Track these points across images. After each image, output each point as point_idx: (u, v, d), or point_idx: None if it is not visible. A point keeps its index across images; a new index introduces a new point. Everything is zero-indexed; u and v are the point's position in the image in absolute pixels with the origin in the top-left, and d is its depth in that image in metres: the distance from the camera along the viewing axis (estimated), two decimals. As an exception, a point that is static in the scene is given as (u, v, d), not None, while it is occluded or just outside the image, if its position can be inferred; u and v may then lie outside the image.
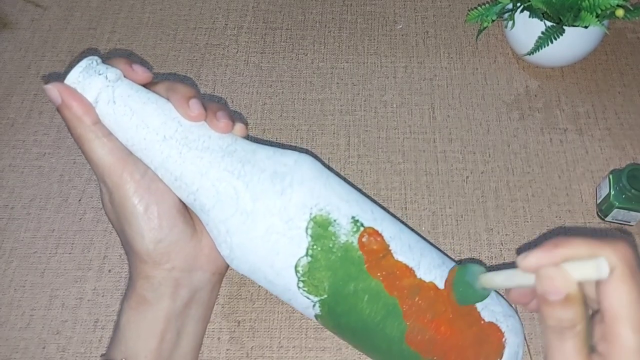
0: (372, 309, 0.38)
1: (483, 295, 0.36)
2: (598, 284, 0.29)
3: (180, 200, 0.40)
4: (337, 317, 0.39)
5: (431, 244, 0.44)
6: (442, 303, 0.38)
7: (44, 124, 0.61)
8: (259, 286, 0.51)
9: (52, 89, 0.37)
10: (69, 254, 0.54)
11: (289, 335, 0.49)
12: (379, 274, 0.38)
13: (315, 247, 0.37)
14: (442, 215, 0.55)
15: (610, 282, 0.29)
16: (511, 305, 0.42)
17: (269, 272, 0.38)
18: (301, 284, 0.37)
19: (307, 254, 0.37)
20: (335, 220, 0.37)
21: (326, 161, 0.58)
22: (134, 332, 0.40)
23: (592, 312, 0.33)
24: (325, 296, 0.38)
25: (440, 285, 0.39)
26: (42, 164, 0.59)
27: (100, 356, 0.47)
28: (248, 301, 0.51)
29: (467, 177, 0.57)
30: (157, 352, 0.40)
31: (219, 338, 0.49)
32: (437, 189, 0.57)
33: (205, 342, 0.48)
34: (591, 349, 0.30)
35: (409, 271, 0.38)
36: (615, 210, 0.52)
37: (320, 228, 0.37)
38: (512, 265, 0.32)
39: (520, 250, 0.53)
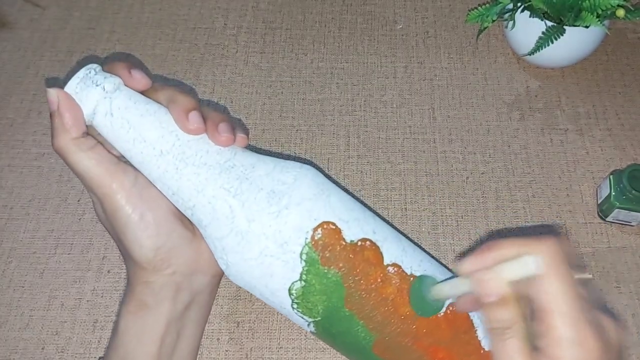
0: (367, 332, 0.37)
1: (437, 306, 0.37)
2: (531, 282, 0.30)
3: None
4: (331, 337, 0.39)
5: (437, 261, 0.42)
6: (442, 329, 0.38)
7: (43, 124, 0.61)
8: (259, 287, 0.51)
9: (53, 94, 0.37)
10: (68, 254, 0.53)
11: (288, 336, 0.49)
12: None
13: (309, 272, 0.36)
14: (442, 215, 0.55)
15: (540, 278, 0.29)
16: None
17: (264, 291, 0.37)
18: (295, 305, 0.37)
19: (300, 279, 0.36)
20: None
21: (326, 162, 0.58)
22: (134, 337, 0.39)
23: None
24: (319, 318, 0.37)
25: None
26: (41, 164, 0.59)
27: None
28: (247, 302, 0.51)
29: (467, 177, 0.57)
30: (157, 356, 0.39)
31: (218, 339, 0.49)
32: (437, 190, 0.56)
33: (204, 343, 0.48)
34: (534, 347, 0.30)
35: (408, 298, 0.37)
36: (616, 210, 0.52)
37: (316, 253, 0.36)
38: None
39: (460, 258, 0.53)
